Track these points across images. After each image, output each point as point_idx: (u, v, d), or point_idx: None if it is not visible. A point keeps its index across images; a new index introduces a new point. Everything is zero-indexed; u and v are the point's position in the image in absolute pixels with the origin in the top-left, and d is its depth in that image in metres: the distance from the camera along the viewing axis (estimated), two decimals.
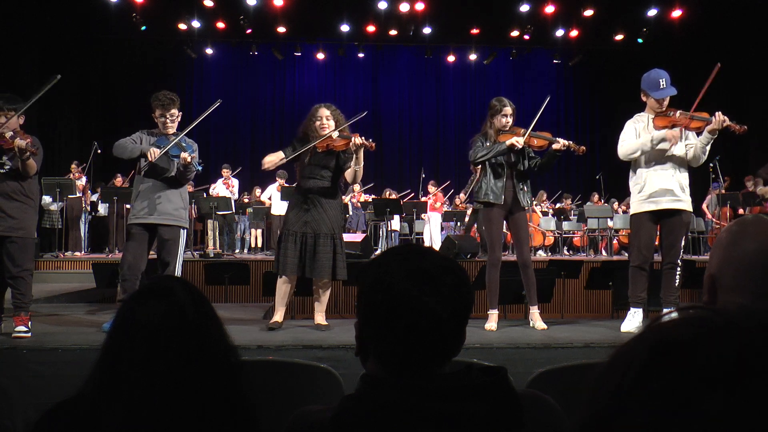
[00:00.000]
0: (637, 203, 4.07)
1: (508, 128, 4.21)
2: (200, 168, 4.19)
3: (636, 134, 4.08)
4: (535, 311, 4.27)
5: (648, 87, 4.03)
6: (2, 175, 3.80)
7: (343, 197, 11.68)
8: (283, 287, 4.17)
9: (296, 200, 4.20)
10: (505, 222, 4.35)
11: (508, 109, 4.22)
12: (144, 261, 4.15)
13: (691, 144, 4.01)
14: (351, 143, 4.04)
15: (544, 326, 4.15)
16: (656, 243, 4.25)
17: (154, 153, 3.96)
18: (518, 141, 4.09)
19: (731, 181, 11.24)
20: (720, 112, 3.80)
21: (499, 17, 13.34)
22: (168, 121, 4.16)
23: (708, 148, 3.94)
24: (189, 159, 4.03)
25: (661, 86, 3.97)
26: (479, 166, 4.35)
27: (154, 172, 4.12)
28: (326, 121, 4.18)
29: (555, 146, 4.09)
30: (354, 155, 4.10)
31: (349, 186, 4.54)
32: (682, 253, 4.04)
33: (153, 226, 4.11)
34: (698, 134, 3.99)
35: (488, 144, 4.20)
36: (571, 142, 4.08)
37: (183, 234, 4.21)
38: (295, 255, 4.08)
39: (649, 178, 4.01)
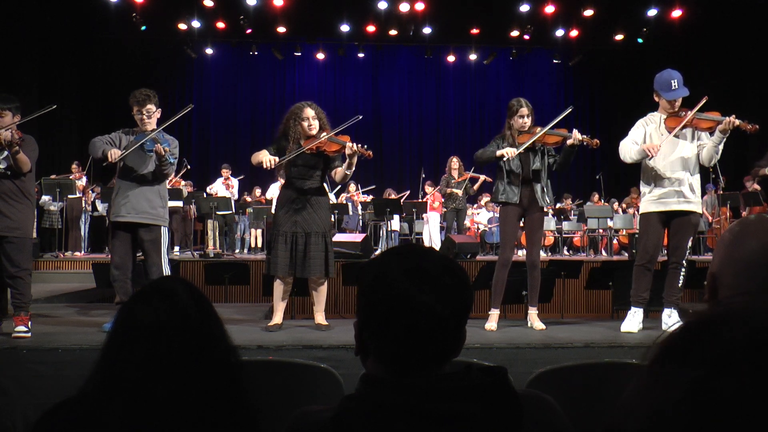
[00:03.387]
0: (647, 203, 4.08)
1: (526, 128, 4.21)
2: (173, 161, 4.12)
3: (644, 135, 4.08)
4: (533, 312, 4.26)
5: (660, 88, 4.03)
6: None
7: (343, 195, 11.72)
8: (279, 288, 4.16)
9: (285, 200, 4.18)
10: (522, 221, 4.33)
11: (525, 110, 4.21)
12: (131, 259, 4.15)
13: (704, 144, 4.01)
14: (346, 149, 4.00)
15: (543, 326, 4.15)
16: (664, 244, 4.25)
17: (114, 154, 3.96)
18: (508, 152, 4.08)
19: (728, 180, 11.23)
20: (734, 116, 3.82)
21: (499, 17, 13.33)
22: (145, 117, 4.14)
23: (720, 147, 3.93)
24: (163, 150, 3.99)
25: (673, 87, 3.96)
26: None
27: (130, 170, 4.12)
28: (313, 121, 4.16)
29: (569, 141, 4.09)
30: (347, 159, 4.06)
31: (338, 186, 4.54)
32: (688, 253, 4.04)
33: (133, 225, 4.10)
34: (711, 134, 3.99)
35: (504, 145, 4.21)
36: (585, 136, 4.08)
37: (164, 232, 4.19)
38: (285, 255, 4.07)
39: (659, 179, 4.01)
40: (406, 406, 0.91)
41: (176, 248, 10.65)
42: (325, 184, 4.35)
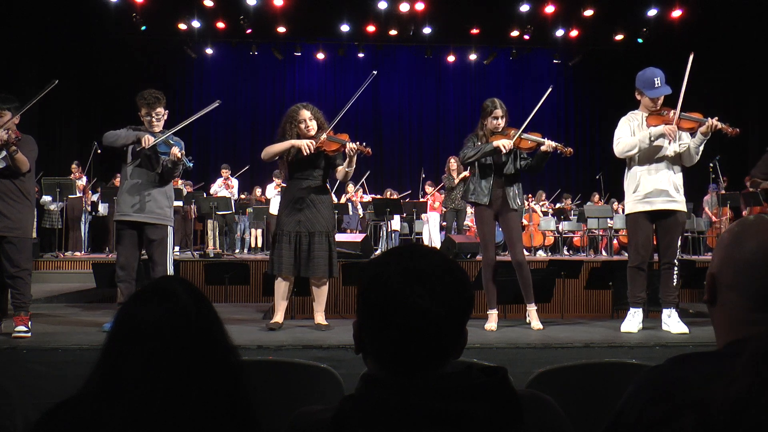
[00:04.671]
0: (632, 203, 4.08)
1: (500, 130, 4.22)
2: (191, 165, 4.16)
3: (631, 132, 4.08)
4: (532, 309, 4.27)
5: (642, 85, 4.03)
6: None
7: (343, 196, 11.72)
8: (281, 287, 4.16)
9: (288, 200, 4.19)
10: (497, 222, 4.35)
11: (499, 111, 4.22)
12: (136, 259, 4.15)
13: (684, 144, 4.02)
14: (345, 148, 4.03)
15: (540, 326, 4.15)
16: (654, 242, 4.25)
17: (148, 140, 3.96)
18: (505, 144, 4.08)
19: (729, 181, 11.24)
20: (716, 118, 3.83)
21: (499, 17, 13.34)
22: (154, 119, 4.14)
23: (701, 148, 3.96)
24: (180, 155, 4.01)
25: (656, 85, 3.97)
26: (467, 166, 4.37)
27: (139, 170, 4.12)
28: (310, 122, 4.16)
29: (543, 148, 4.11)
30: (348, 157, 4.08)
31: (339, 182, 4.56)
32: (680, 252, 4.05)
33: (139, 224, 4.11)
34: (692, 135, 4.00)
35: (479, 144, 4.22)
36: (559, 144, 4.10)
37: (170, 231, 4.22)
38: (290, 255, 4.08)
39: (643, 179, 4.01)
40: (406, 406, 0.91)
41: (176, 248, 10.65)
42: (326, 184, 4.36)
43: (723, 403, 0.70)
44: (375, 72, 4.31)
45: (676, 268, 4.01)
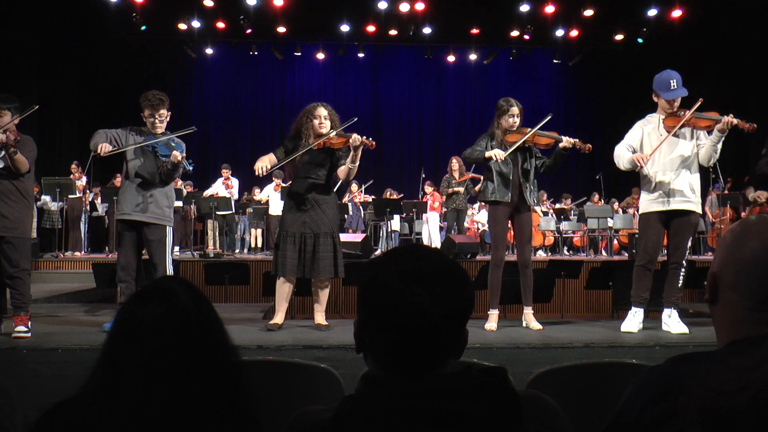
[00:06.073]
0: (646, 203, 4.08)
1: (515, 128, 4.22)
2: (191, 168, 4.18)
3: (641, 137, 4.10)
4: (529, 312, 4.26)
5: (659, 87, 4.04)
6: None
7: (347, 195, 11.72)
8: (283, 288, 4.16)
9: (293, 200, 4.20)
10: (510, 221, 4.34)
11: (515, 110, 4.22)
12: (137, 259, 4.16)
13: (702, 143, 4.02)
14: (350, 141, 4.05)
15: (539, 326, 4.15)
16: (664, 243, 4.25)
17: (104, 148, 3.96)
18: (497, 154, 4.08)
19: (733, 182, 11.23)
20: (732, 115, 3.83)
21: (499, 17, 13.34)
22: (157, 121, 4.15)
23: (719, 146, 3.95)
24: (180, 158, 4.03)
25: (672, 87, 3.98)
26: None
27: (139, 171, 4.13)
28: (324, 120, 4.19)
29: (561, 144, 4.10)
30: (351, 153, 4.10)
31: (339, 182, 4.60)
32: (687, 253, 4.05)
33: (139, 224, 4.12)
34: (709, 133, 3.99)
35: (493, 143, 4.21)
36: (577, 140, 4.10)
37: (169, 231, 4.22)
38: (294, 256, 4.08)
39: (659, 179, 4.01)
40: (406, 406, 0.91)
41: (176, 248, 10.65)
42: (330, 184, 4.36)
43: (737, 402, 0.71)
44: (356, 118, 4.38)
45: (683, 269, 4.01)
